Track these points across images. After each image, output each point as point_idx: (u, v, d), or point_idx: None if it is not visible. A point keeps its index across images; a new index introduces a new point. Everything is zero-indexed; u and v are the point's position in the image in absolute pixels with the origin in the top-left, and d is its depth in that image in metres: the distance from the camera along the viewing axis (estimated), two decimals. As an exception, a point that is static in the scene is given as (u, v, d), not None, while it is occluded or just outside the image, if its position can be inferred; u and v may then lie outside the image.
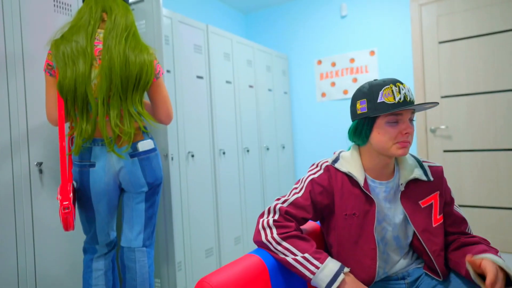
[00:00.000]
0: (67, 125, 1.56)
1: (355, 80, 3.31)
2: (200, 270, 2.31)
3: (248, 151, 2.89)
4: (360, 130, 1.11)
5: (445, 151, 2.93)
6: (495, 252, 1.04)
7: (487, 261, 0.95)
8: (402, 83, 1.06)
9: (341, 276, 1.00)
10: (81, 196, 1.47)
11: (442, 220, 1.14)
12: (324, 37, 3.48)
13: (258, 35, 3.87)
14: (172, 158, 2.12)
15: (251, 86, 3.00)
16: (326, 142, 3.50)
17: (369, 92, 1.07)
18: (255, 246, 2.88)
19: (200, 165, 2.37)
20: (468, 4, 2.81)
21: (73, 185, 1.40)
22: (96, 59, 1.40)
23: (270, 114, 3.27)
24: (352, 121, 1.15)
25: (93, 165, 1.44)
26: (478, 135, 2.81)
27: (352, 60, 3.33)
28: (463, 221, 1.18)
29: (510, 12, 2.66)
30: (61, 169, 1.38)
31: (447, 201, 1.18)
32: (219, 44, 2.62)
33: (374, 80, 1.10)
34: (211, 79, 2.51)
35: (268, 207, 1.16)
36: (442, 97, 2.92)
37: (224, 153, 2.60)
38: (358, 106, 1.10)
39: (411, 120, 1.07)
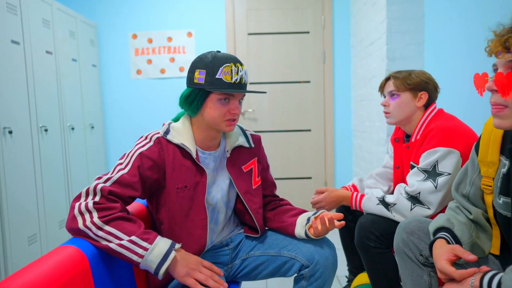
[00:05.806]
0: None
1: (172, 59, 3.25)
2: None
3: (46, 130, 2.38)
4: (192, 100, 1.09)
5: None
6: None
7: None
8: (242, 64, 1.10)
9: (172, 254, 0.96)
10: None
11: (260, 183, 1.27)
12: (140, 10, 3.24)
13: (57, -7, 3.22)
14: None
15: (49, 52, 2.46)
16: (142, 122, 3.30)
17: (210, 64, 1.06)
18: (46, 249, 2.39)
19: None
20: (271, 4, 3.22)
21: None
22: None
23: (75, 88, 2.79)
24: (187, 87, 1.11)
25: None
26: (276, 118, 3.30)
27: (169, 39, 3.24)
28: (274, 185, 1.38)
29: (299, 18, 3.22)
30: None
31: (264, 167, 1.32)
32: (0, -11, 2.00)
33: (218, 51, 1.11)
34: (-11, 35, 1.91)
35: (85, 189, 0.97)
36: (250, 83, 3.27)
37: (10, 132, 2.04)
38: (196, 75, 1.08)
39: (241, 100, 1.13)
